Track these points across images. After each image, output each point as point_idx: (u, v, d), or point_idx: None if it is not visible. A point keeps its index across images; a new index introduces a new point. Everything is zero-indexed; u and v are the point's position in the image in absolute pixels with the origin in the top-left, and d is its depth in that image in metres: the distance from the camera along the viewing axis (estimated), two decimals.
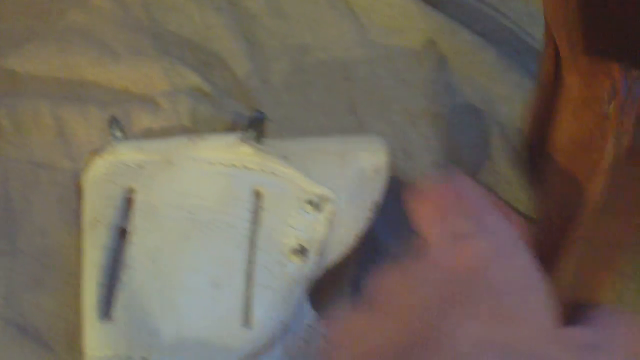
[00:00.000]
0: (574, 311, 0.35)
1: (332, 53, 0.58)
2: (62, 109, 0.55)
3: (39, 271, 0.51)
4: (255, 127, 0.49)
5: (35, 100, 0.55)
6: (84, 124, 0.55)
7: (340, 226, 0.48)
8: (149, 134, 0.55)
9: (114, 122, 0.51)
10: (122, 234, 0.48)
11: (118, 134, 0.51)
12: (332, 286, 0.50)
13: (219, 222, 0.47)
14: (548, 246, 0.39)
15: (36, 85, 0.57)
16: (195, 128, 0.54)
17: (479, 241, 0.34)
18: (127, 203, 0.49)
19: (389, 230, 0.52)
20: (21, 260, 0.51)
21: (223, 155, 0.49)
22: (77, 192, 0.51)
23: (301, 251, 0.47)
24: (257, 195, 0.49)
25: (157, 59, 0.57)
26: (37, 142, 0.55)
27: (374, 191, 0.49)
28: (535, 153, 0.48)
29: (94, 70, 0.57)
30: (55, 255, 0.51)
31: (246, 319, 0.45)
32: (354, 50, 0.58)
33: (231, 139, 0.49)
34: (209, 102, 0.55)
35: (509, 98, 0.55)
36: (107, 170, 0.50)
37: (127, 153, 0.50)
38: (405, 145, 0.54)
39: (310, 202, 0.48)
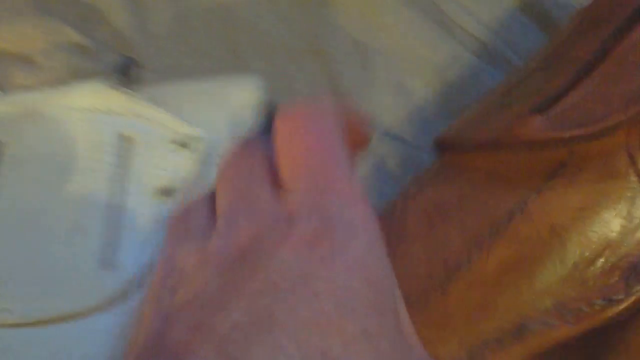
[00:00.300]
0: None
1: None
2: None
3: None
4: (121, 71, 0.49)
5: None
6: None
7: (210, 164, 0.47)
8: (27, 91, 0.54)
9: None
10: None
11: None
12: None
13: (83, 167, 0.47)
14: None
15: None
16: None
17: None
18: None
19: None
20: None
21: (90, 102, 0.49)
22: None
23: (167, 191, 0.46)
24: (126, 139, 0.48)
25: (37, 18, 0.56)
26: None
27: (246, 128, 0.48)
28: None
29: None
30: None
31: (108, 262, 0.44)
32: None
33: (97, 85, 0.49)
34: (88, 56, 0.55)
35: (390, 29, 0.54)
36: None
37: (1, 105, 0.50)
38: (289, 84, 0.53)
39: (178, 142, 0.47)
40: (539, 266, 0.41)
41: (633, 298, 0.39)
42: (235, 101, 0.49)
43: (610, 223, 0.40)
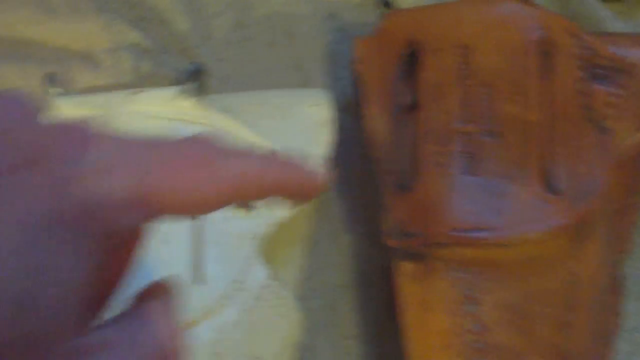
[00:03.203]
0: None
1: (274, 8, 0.57)
2: (0, 68, 0.54)
3: None
4: (194, 79, 0.49)
5: None
6: (23, 82, 0.54)
7: None
8: (91, 92, 0.54)
9: (49, 78, 0.50)
10: None
11: (53, 90, 0.50)
12: (286, 244, 0.50)
13: None
14: None
15: None
16: (137, 85, 0.54)
17: None
18: None
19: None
20: None
21: (163, 109, 0.49)
22: None
23: (246, 206, 0.47)
24: None
25: (96, 15, 0.56)
26: None
27: (322, 145, 0.49)
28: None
29: (31, 28, 0.56)
30: None
31: (198, 276, 0.45)
32: (296, 5, 0.58)
33: (171, 92, 0.49)
34: (150, 58, 0.55)
35: None
36: None
37: (66, 108, 0.49)
38: (352, 102, 0.54)
39: None
40: None
41: None
42: (307, 117, 0.50)
43: None
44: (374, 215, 0.51)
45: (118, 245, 0.25)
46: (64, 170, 0.22)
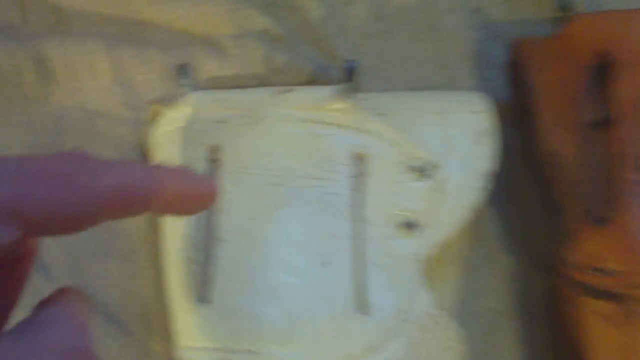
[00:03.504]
0: None
1: None
2: (118, 51, 0.48)
3: (101, 236, 0.45)
4: (350, 79, 0.44)
5: (88, 41, 0.48)
6: (144, 68, 0.48)
7: (450, 197, 0.43)
8: (217, 83, 0.48)
9: (182, 69, 0.44)
10: None
11: (187, 83, 0.45)
12: (441, 265, 0.45)
13: (320, 189, 0.42)
14: None
15: (85, 23, 0.50)
16: (269, 77, 0.48)
17: None
18: (213, 164, 0.43)
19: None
20: None
21: (315, 112, 0.44)
22: (142, 146, 0.45)
23: (410, 225, 0.42)
24: (359, 158, 0.43)
25: None
26: (92, 87, 0.48)
27: (485, 158, 0.44)
28: None
29: (149, 8, 0.50)
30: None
31: (362, 304, 0.40)
32: None
33: (325, 93, 0.44)
34: (283, 48, 0.49)
35: None
36: (184, 125, 0.44)
37: (206, 106, 0.44)
38: (503, 107, 0.49)
39: (417, 169, 0.43)
40: None
41: None
42: (469, 125, 0.45)
43: None
44: (536, 235, 0.46)
45: (4, 261, 0.25)
46: None
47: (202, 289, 0.40)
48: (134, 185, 0.27)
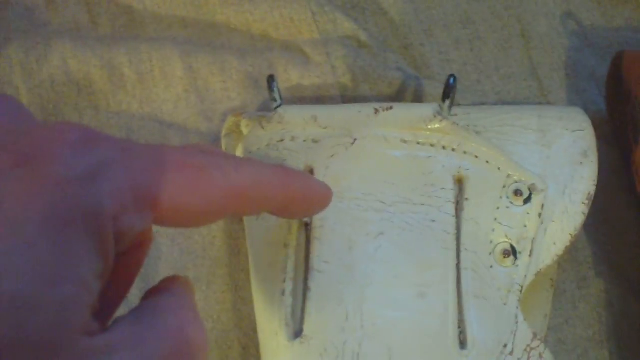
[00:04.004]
0: None
1: (504, 2, 0.49)
2: (194, 57, 0.46)
3: (177, 256, 0.42)
4: (449, 95, 0.41)
5: (161, 46, 0.45)
6: (220, 76, 0.46)
7: (551, 222, 0.41)
8: (298, 92, 0.46)
9: (271, 81, 0.42)
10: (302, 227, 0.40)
11: (274, 96, 0.42)
12: (538, 294, 0.43)
13: (420, 215, 0.39)
14: None
15: (158, 26, 0.47)
16: (354, 87, 0.46)
17: None
18: None
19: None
20: (155, 241, 0.42)
21: (415, 132, 0.41)
22: None
23: (512, 253, 0.40)
24: (458, 181, 0.41)
25: (306, 1, 0.47)
26: (165, 97, 0.45)
27: (586, 180, 0.42)
28: None
29: (226, 10, 0.47)
30: (195, 237, 0.43)
31: (462, 338, 0.38)
32: (529, 1, 0.49)
33: (425, 111, 0.41)
34: (369, 55, 0.47)
35: None
36: (273, 143, 0.41)
37: (296, 124, 0.41)
38: (597, 121, 0.46)
39: (519, 192, 0.41)
40: None
41: None
42: (570, 145, 0.43)
43: None
44: (631, 260, 0.44)
45: (126, 249, 0.25)
46: (57, 171, 0.22)
47: (296, 324, 0.37)
48: (260, 183, 0.28)
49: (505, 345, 0.38)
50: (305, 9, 0.47)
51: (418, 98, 0.46)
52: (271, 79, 0.41)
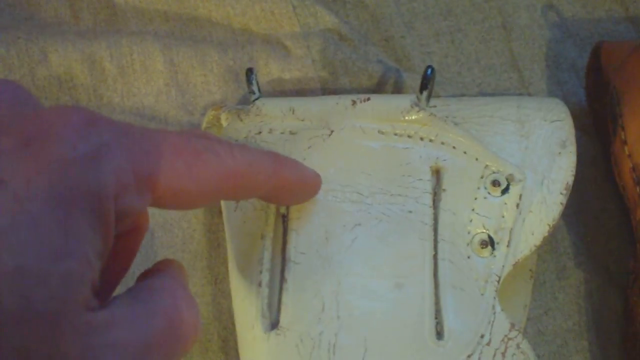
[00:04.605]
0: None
1: None
2: (175, 51, 0.46)
3: (157, 249, 0.43)
4: (427, 86, 0.41)
5: (142, 40, 0.46)
6: (201, 70, 0.46)
7: (529, 213, 0.41)
8: (278, 85, 0.46)
9: (250, 74, 0.42)
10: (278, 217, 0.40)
11: (252, 89, 0.42)
12: (516, 284, 0.43)
13: (397, 206, 0.40)
14: None
15: (139, 20, 0.47)
16: (334, 80, 0.46)
17: None
18: None
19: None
20: None
21: (392, 123, 0.41)
22: None
23: (489, 243, 0.40)
24: (436, 172, 0.41)
25: None
26: (146, 90, 0.46)
27: (564, 170, 0.42)
28: None
29: (207, 4, 0.47)
30: (174, 231, 0.43)
31: (438, 329, 0.38)
32: None
33: (403, 102, 0.41)
34: (349, 48, 0.47)
35: None
36: (251, 135, 0.41)
37: (273, 116, 0.41)
38: (577, 112, 0.46)
39: (497, 182, 0.41)
40: None
41: None
42: (548, 135, 0.43)
43: None
44: (610, 250, 0.44)
45: (124, 231, 0.26)
46: (61, 152, 0.22)
47: (272, 316, 0.38)
48: (253, 168, 0.29)
49: (482, 336, 0.38)
50: (286, 2, 0.47)
51: (398, 90, 0.46)
52: (249, 72, 0.41)
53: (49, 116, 0.23)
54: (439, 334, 0.38)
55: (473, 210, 0.40)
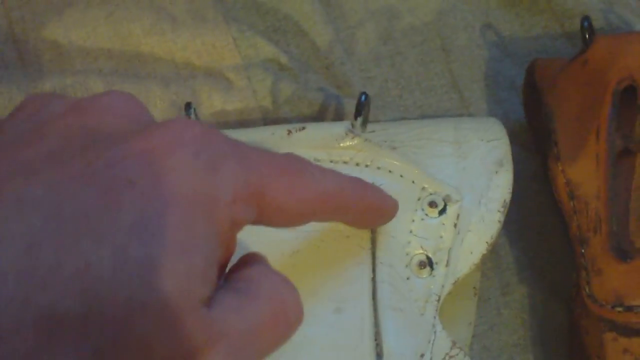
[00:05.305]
0: None
1: (423, 18, 0.50)
2: (118, 88, 0.47)
3: None
4: (361, 113, 0.42)
5: (86, 78, 0.47)
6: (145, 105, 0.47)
7: (467, 232, 0.42)
8: (221, 117, 0.47)
9: (189, 108, 0.43)
10: None
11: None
12: (459, 302, 0.44)
13: (334, 232, 0.40)
14: None
15: (84, 59, 0.48)
16: (276, 110, 0.47)
17: None
18: None
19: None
20: None
21: (327, 151, 0.42)
22: None
23: (428, 263, 0.41)
24: None
25: (223, 25, 0.49)
26: None
27: (501, 188, 0.43)
28: None
29: (150, 40, 0.48)
30: None
31: (377, 350, 0.39)
32: (448, 14, 0.50)
33: (337, 129, 0.42)
34: (290, 77, 0.48)
35: None
36: None
37: None
38: (517, 129, 0.47)
39: (434, 204, 0.42)
40: None
41: None
42: (485, 155, 0.43)
43: None
44: (553, 264, 0.45)
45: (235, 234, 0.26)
46: (185, 158, 0.24)
47: None
48: (343, 191, 0.31)
49: (422, 355, 0.39)
50: (226, 35, 0.48)
51: (339, 117, 0.47)
52: (187, 107, 0.42)
53: (172, 125, 0.25)
54: (379, 356, 0.38)
55: (411, 232, 0.41)
